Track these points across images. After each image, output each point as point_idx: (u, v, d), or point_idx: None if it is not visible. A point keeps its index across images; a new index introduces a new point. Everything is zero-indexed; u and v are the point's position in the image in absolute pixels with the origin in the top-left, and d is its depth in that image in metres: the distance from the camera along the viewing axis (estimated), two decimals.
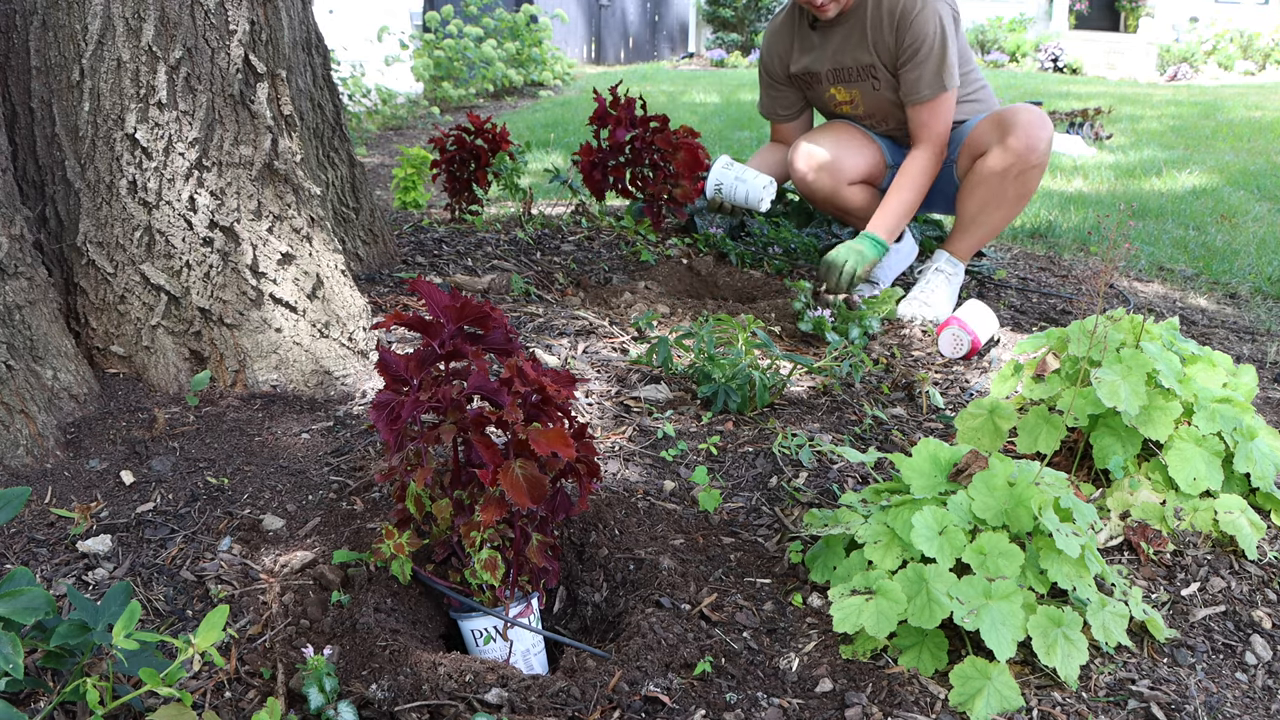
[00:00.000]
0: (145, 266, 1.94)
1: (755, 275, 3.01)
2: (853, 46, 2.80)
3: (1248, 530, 1.68)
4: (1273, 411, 2.33)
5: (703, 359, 2.16)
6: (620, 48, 14.71)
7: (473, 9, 8.86)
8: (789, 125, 3.14)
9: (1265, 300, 3.33)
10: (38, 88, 1.95)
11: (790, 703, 1.32)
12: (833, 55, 2.85)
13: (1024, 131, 2.64)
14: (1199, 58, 14.05)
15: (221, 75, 1.92)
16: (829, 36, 2.83)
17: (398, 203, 3.80)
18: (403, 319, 1.35)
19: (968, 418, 1.83)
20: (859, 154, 2.92)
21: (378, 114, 7.32)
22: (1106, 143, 6.51)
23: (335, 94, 2.81)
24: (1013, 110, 2.70)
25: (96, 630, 1.17)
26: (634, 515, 1.71)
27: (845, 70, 2.86)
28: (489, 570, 1.36)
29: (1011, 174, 2.67)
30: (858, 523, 1.53)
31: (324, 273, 2.08)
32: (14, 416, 1.70)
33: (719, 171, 2.98)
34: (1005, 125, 2.67)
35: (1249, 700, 1.40)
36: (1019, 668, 1.40)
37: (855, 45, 2.79)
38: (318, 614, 1.42)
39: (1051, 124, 2.71)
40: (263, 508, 1.66)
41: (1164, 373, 1.73)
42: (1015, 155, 2.64)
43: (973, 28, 15.14)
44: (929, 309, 2.78)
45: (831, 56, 2.85)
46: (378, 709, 1.26)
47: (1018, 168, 2.66)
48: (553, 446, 1.29)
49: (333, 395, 2.03)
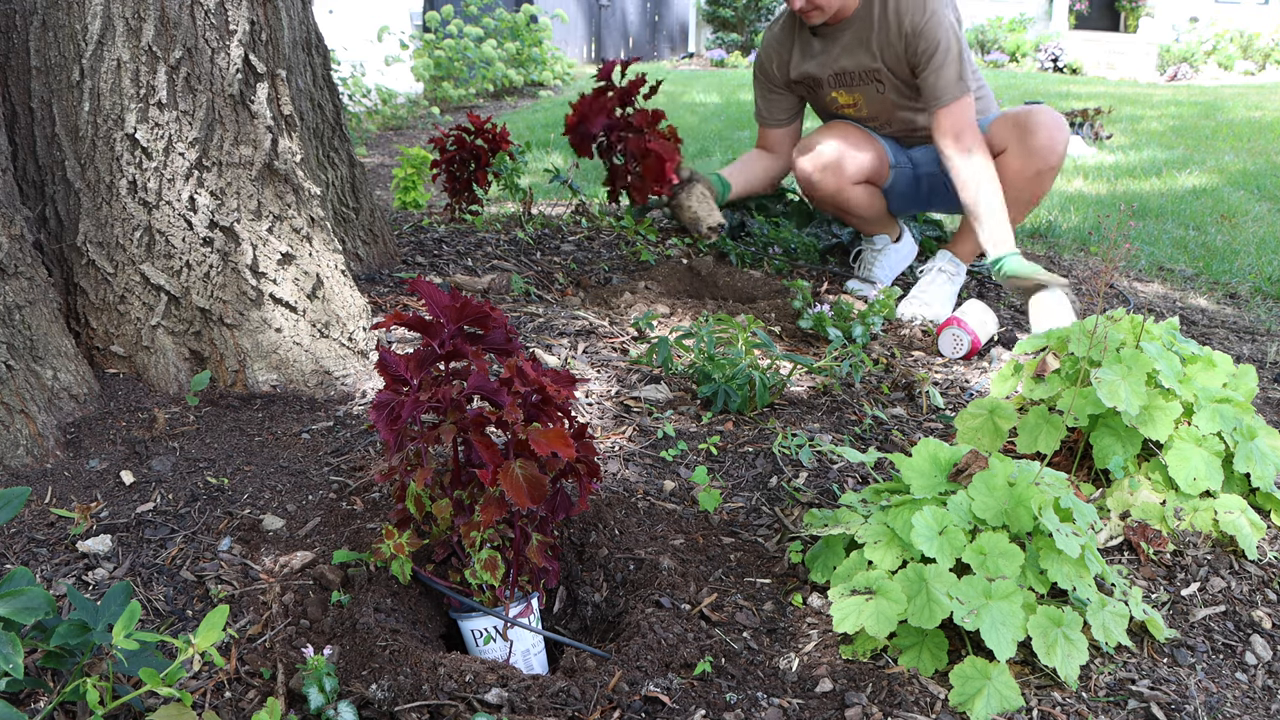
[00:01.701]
0: (145, 266, 1.94)
1: (755, 275, 3.01)
2: (856, 51, 2.80)
3: (1248, 530, 1.68)
4: (1273, 411, 2.33)
5: (703, 359, 2.16)
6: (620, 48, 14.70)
7: (473, 9, 8.85)
8: (780, 131, 3.13)
9: (1265, 300, 3.33)
10: (38, 88, 1.95)
11: (790, 703, 1.32)
12: (835, 60, 2.85)
13: (1045, 133, 2.65)
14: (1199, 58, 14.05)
15: (221, 75, 1.92)
16: (831, 41, 2.83)
17: (398, 203, 3.80)
18: (403, 319, 1.35)
19: (968, 418, 1.83)
20: (863, 154, 2.92)
21: (378, 114, 7.32)
22: (1106, 143, 6.51)
23: (335, 94, 2.81)
24: (1030, 111, 2.70)
25: (96, 630, 1.17)
26: (634, 515, 1.71)
27: (848, 74, 2.86)
28: (489, 570, 1.36)
29: (1028, 174, 2.68)
30: (858, 523, 1.53)
31: (324, 273, 2.08)
32: (14, 416, 1.70)
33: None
34: (1025, 126, 2.67)
35: (1249, 700, 1.40)
36: (1019, 668, 1.40)
37: (858, 50, 2.79)
38: (318, 614, 1.42)
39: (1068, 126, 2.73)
40: (263, 508, 1.66)
41: (1164, 373, 1.73)
42: (1037, 156, 2.65)
43: (973, 28, 15.13)
44: (929, 309, 2.78)
45: (834, 61, 2.85)
46: (378, 709, 1.26)
47: (1035, 168, 2.67)
48: (553, 446, 1.29)
49: (333, 395, 2.03)
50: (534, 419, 1.35)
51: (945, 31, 2.66)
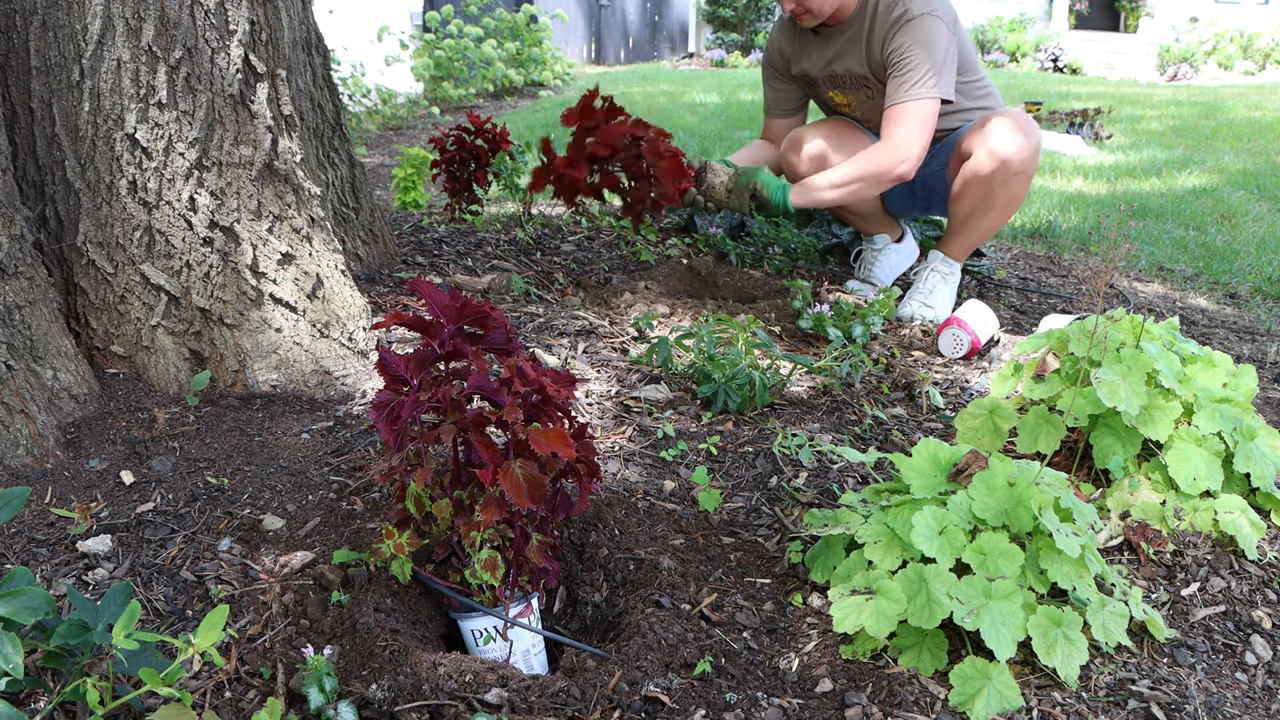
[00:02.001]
0: (145, 266, 1.94)
1: (755, 275, 3.01)
2: (848, 56, 2.80)
3: (1248, 530, 1.68)
4: (1273, 411, 2.33)
5: (703, 359, 2.16)
6: (620, 48, 14.71)
7: (473, 9, 8.86)
8: (784, 121, 3.14)
9: (1265, 300, 3.33)
10: (38, 88, 1.95)
11: (790, 703, 1.32)
12: (828, 63, 2.85)
13: (1001, 139, 2.62)
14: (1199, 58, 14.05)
15: (221, 75, 1.92)
16: (828, 43, 2.83)
17: (398, 203, 3.80)
18: (403, 319, 1.35)
19: (968, 418, 1.83)
20: (849, 148, 2.93)
21: (378, 114, 7.32)
22: (1106, 143, 6.51)
23: (335, 94, 2.81)
24: (998, 117, 2.68)
25: (96, 630, 1.17)
26: (634, 515, 1.71)
27: (839, 78, 2.87)
28: (489, 570, 1.36)
29: (995, 180, 2.66)
30: (858, 523, 1.53)
31: (324, 273, 2.08)
32: (14, 416, 1.70)
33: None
34: (987, 132, 2.65)
35: (1249, 700, 1.40)
36: (1019, 668, 1.40)
37: (851, 55, 2.79)
38: (318, 614, 1.42)
39: (1038, 131, 2.70)
40: (263, 508, 1.66)
41: (1164, 373, 1.73)
42: (998, 161, 2.63)
43: (973, 28, 15.13)
44: (929, 309, 2.78)
45: (827, 64, 2.86)
46: (378, 709, 1.26)
47: (1000, 174, 2.64)
48: (553, 446, 1.29)
49: (333, 395, 2.03)
50: (534, 419, 1.35)
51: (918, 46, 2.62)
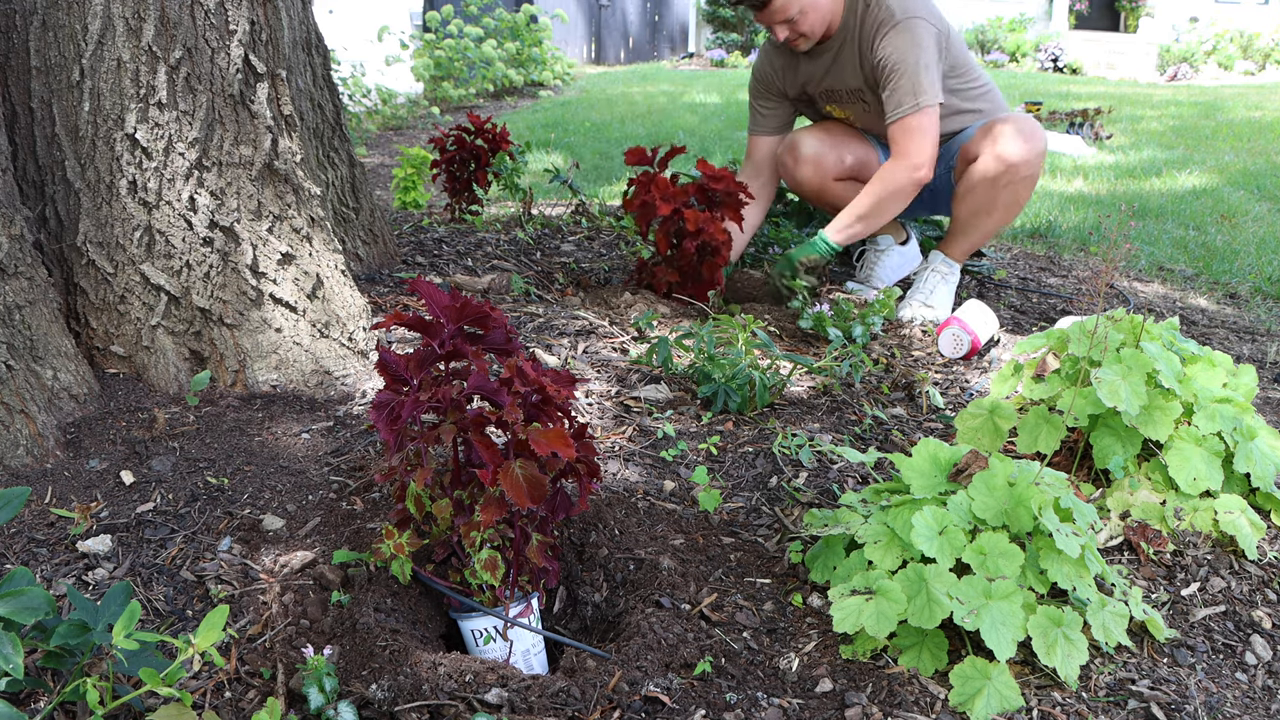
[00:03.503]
0: (145, 266, 1.94)
1: (755, 275, 3.01)
2: (841, 70, 2.80)
3: (1248, 530, 1.68)
4: (1273, 411, 2.33)
5: (703, 359, 2.16)
6: (620, 48, 14.70)
7: (473, 9, 8.86)
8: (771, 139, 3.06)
9: (1265, 300, 3.33)
10: (38, 88, 1.95)
11: (790, 703, 1.32)
12: (822, 79, 2.86)
13: (1008, 144, 2.63)
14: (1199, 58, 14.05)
15: (221, 75, 1.92)
16: (819, 60, 2.83)
17: (398, 203, 3.80)
18: (403, 319, 1.35)
19: (968, 418, 1.83)
20: (846, 150, 2.93)
21: (378, 114, 7.32)
22: (1106, 143, 6.51)
23: (335, 94, 2.81)
24: (1005, 120, 2.69)
25: (96, 630, 1.17)
26: (634, 515, 1.71)
27: (835, 93, 2.88)
28: (489, 570, 1.36)
29: (1000, 183, 2.67)
30: (858, 523, 1.53)
31: (324, 273, 2.08)
32: (14, 416, 1.70)
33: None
34: (996, 135, 2.66)
35: (1249, 700, 1.40)
36: (1019, 668, 1.40)
37: (843, 69, 2.79)
38: (318, 614, 1.42)
39: (1044, 135, 2.71)
40: (263, 508, 1.66)
41: (1164, 373, 1.73)
42: (1005, 166, 2.64)
43: (973, 28, 15.13)
44: (929, 310, 2.78)
45: (821, 80, 2.86)
46: (378, 709, 1.26)
47: (1006, 178, 2.66)
48: (553, 446, 1.29)
49: (333, 395, 2.03)
50: (534, 419, 1.35)
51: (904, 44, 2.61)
